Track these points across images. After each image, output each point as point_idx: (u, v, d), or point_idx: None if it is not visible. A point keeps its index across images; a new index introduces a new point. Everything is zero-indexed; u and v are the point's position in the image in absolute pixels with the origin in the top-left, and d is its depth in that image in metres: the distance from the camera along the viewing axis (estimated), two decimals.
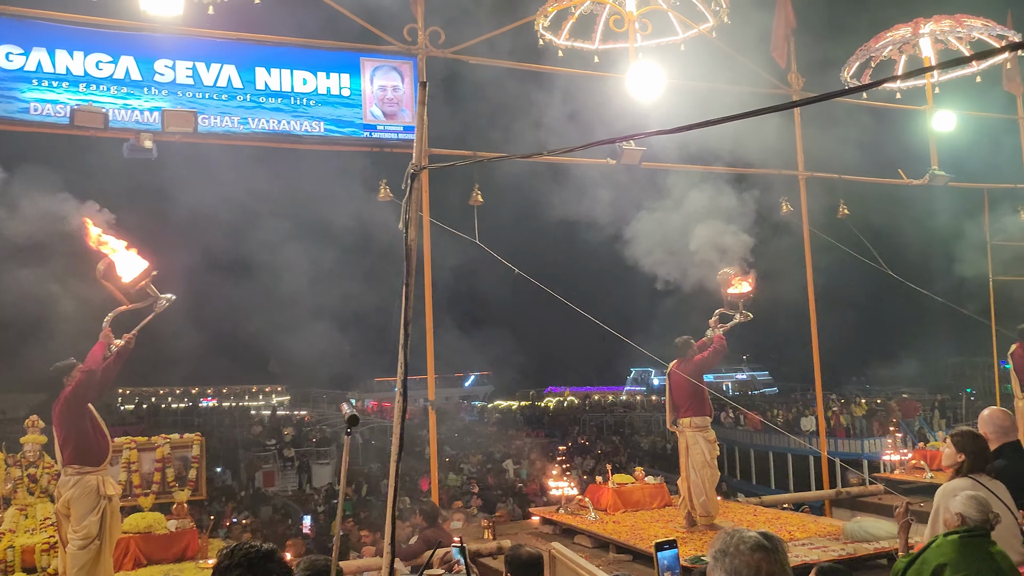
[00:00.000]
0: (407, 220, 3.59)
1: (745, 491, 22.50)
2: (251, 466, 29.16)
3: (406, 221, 3.59)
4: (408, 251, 3.57)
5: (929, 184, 12.58)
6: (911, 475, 11.71)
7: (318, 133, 9.62)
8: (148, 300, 6.72)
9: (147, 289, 6.67)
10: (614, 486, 9.78)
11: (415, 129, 3.87)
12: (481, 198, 9.83)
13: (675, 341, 9.15)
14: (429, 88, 9.69)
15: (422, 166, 3.68)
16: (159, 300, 6.71)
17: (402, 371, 3.54)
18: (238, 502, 22.33)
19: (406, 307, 3.57)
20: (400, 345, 3.57)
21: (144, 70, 8.98)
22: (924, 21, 11.97)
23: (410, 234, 3.59)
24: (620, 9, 10.21)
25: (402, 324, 3.57)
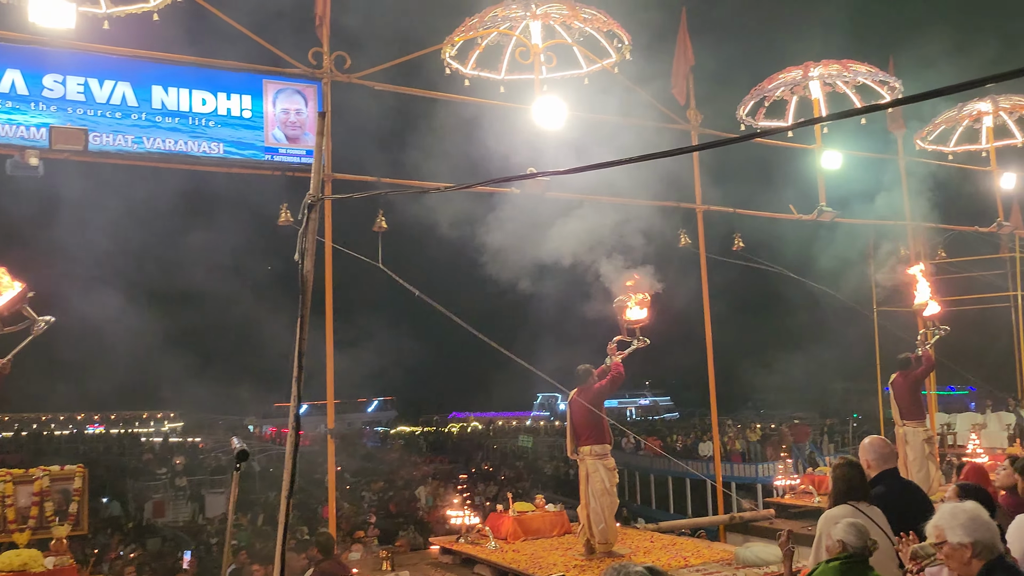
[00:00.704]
0: (303, 250, 3.56)
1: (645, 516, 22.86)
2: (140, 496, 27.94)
3: (302, 251, 3.56)
4: (304, 282, 3.53)
5: (817, 220, 13.20)
6: (800, 500, 12.15)
7: (217, 154, 9.39)
8: (25, 323, 6.39)
9: (23, 311, 6.34)
10: (514, 514, 9.78)
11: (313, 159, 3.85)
12: (385, 224, 9.77)
13: (576, 369, 9.26)
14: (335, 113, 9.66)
15: (320, 197, 3.65)
16: (37, 323, 6.38)
17: (294, 404, 3.49)
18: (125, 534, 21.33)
19: (300, 338, 3.52)
20: (293, 378, 3.52)
21: (31, 84, 8.60)
22: (813, 65, 12.63)
23: (306, 265, 3.55)
24: (526, 41, 10.41)
25: (295, 356, 3.53)
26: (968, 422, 19.77)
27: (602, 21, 10.19)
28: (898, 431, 11.33)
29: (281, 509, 3.44)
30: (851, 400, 40.81)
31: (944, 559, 3.67)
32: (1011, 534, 4.66)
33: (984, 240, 16.90)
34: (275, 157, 9.68)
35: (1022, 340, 17.01)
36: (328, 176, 9.77)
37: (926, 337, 11.99)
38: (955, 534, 3.59)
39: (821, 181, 13.30)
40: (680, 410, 62.46)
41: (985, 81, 3.79)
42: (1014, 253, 17.20)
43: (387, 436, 50.76)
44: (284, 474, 3.46)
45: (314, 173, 3.82)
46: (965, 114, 14.69)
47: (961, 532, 3.58)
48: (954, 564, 3.61)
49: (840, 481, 5.06)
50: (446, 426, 55.09)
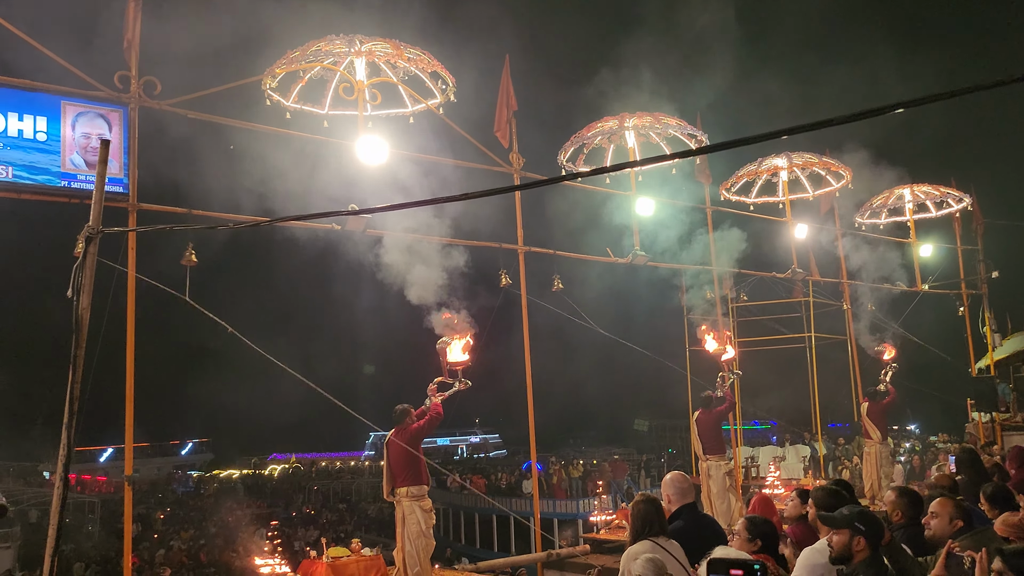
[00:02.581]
0: (79, 286, 3.30)
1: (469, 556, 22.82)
2: None
3: (77, 287, 3.30)
4: (78, 321, 3.27)
5: (632, 263, 13.83)
6: (615, 535, 12.51)
7: (5, 178, 8.63)
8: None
9: None
10: (328, 560, 9.48)
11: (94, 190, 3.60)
12: (195, 258, 9.32)
13: (394, 409, 9.15)
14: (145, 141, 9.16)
15: (99, 229, 3.41)
16: None
17: (64, 453, 3.21)
18: None
19: (73, 381, 3.25)
20: (64, 424, 3.24)
21: None
22: (629, 116, 13.33)
23: (82, 301, 3.30)
24: (350, 77, 10.33)
25: (67, 400, 3.25)
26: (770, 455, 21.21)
27: (426, 62, 10.29)
28: (702, 465, 11.96)
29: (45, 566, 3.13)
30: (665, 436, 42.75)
31: None
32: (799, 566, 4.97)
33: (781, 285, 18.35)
34: (72, 184, 9.01)
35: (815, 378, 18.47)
36: (133, 206, 9.21)
37: (724, 380, 12.81)
38: None
39: (635, 226, 13.97)
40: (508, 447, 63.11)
41: (781, 133, 4.12)
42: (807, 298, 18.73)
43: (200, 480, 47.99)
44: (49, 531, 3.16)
45: (94, 203, 3.57)
46: (764, 168, 15.95)
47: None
48: None
49: (638, 518, 5.25)
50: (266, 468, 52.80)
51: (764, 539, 5.29)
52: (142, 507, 30.61)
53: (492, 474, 33.38)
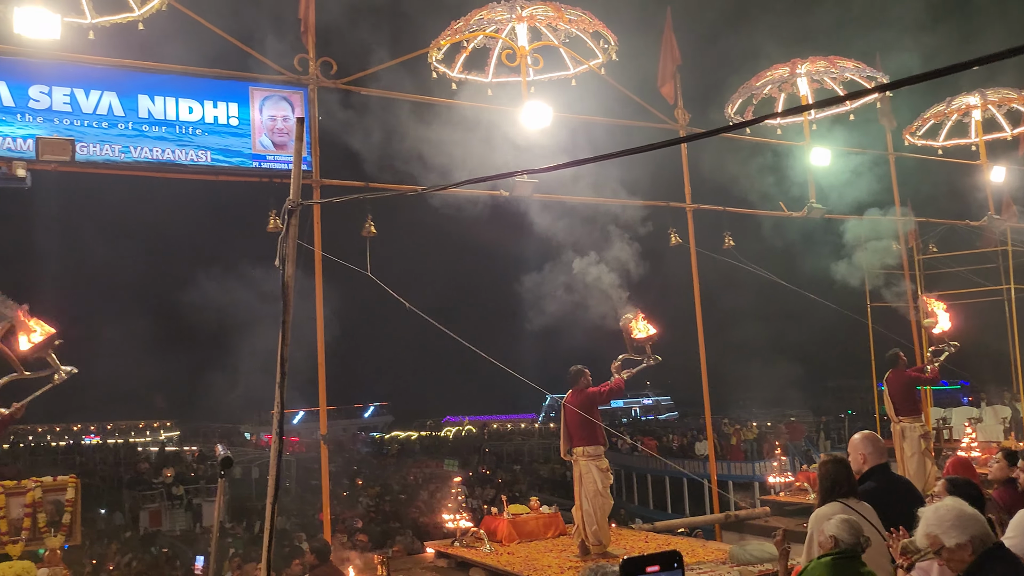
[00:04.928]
0: (284, 256, 3.56)
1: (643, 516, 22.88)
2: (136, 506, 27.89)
3: (283, 257, 3.56)
4: (285, 288, 3.54)
5: (808, 216, 13.23)
6: (795, 497, 12.17)
7: (204, 163, 9.39)
8: (47, 370, 6.32)
9: (48, 358, 6.29)
10: (509, 516, 9.79)
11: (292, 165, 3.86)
12: (374, 229, 9.77)
13: (568, 370, 9.24)
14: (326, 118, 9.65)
15: (299, 202, 3.66)
16: (59, 372, 6.32)
17: (278, 410, 3.50)
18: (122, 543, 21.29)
19: (282, 345, 3.53)
20: (277, 384, 3.53)
21: (17, 96, 8.58)
22: (800, 62, 12.68)
23: (287, 270, 3.56)
24: (512, 44, 10.43)
25: (278, 362, 3.53)
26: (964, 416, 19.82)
27: (587, 22, 10.22)
28: (894, 428, 11.35)
29: (267, 515, 3.43)
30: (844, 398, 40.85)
31: (945, 563, 3.65)
32: (1014, 528, 4.65)
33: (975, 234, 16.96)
34: (263, 164, 9.68)
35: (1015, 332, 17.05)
36: (316, 182, 9.77)
37: (937, 354, 11.92)
38: (950, 537, 3.57)
39: (810, 177, 13.33)
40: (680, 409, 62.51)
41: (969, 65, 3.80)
42: (1005, 247, 17.25)
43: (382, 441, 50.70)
44: (269, 480, 3.46)
45: (293, 179, 3.83)
46: (954, 108, 14.74)
47: (955, 533, 3.56)
48: (955, 565, 3.59)
49: (826, 479, 5.07)
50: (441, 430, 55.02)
51: (967, 501, 4.98)
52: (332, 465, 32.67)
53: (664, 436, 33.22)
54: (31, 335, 6.19)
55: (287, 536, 18.50)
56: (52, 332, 6.26)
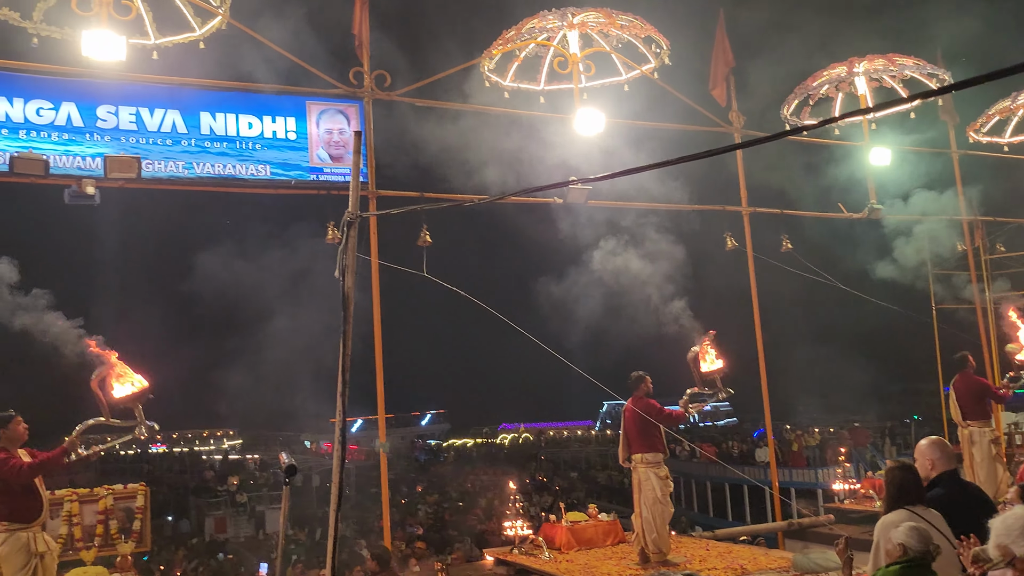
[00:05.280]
0: (344, 267, 3.63)
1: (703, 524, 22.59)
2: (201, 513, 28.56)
3: (343, 268, 3.63)
4: (345, 299, 3.60)
5: (868, 217, 12.95)
6: (861, 504, 11.89)
7: (264, 176, 9.62)
8: (131, 422, 6.52)
9: (135, 410, 6.49)
10: (568, 524, 9.77)
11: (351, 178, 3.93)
12: (430, 238, 9.87)
13: (630, 376, 9.14)
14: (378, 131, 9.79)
15: (358, 214, 3.72)
16: (140, 426, 6.53)
17: (340, 419, 3.55)
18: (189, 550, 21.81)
19: (344, 355, 3.59)
20: (339, 393, 3.59)
21: (86, 116, 8.92)
22: (858, 60, 12.43)
23: (347, 281, 3.62)
24: (564, 51, 10.45)
25: (340, 371, 3.59)
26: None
27: (639, 27, 10.18)
28: (962, 433, 11.00)
29: (331, 521, 3.49)
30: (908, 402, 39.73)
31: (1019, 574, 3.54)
32: None
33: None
34: (320, 176, 9.88)
35: None
36: (372, 193, 9.92)
37: (1015, 380, 11.48)
38: (1020, 546, 3.46)
39: (870, 178, 13.06)
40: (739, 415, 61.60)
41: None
42: None
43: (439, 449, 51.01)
44: (332, 488, 3.52)
45: (352, 191, 3.90)
46: (1020, 103, 14.28)
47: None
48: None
49: (892, 485, 4.95)
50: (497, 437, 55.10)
51: None
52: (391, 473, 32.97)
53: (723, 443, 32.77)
54: (123, 382, 6.42)
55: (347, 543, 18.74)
56: (145, 387, 6.47)
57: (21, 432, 6.56)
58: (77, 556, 8.15)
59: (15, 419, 6.50)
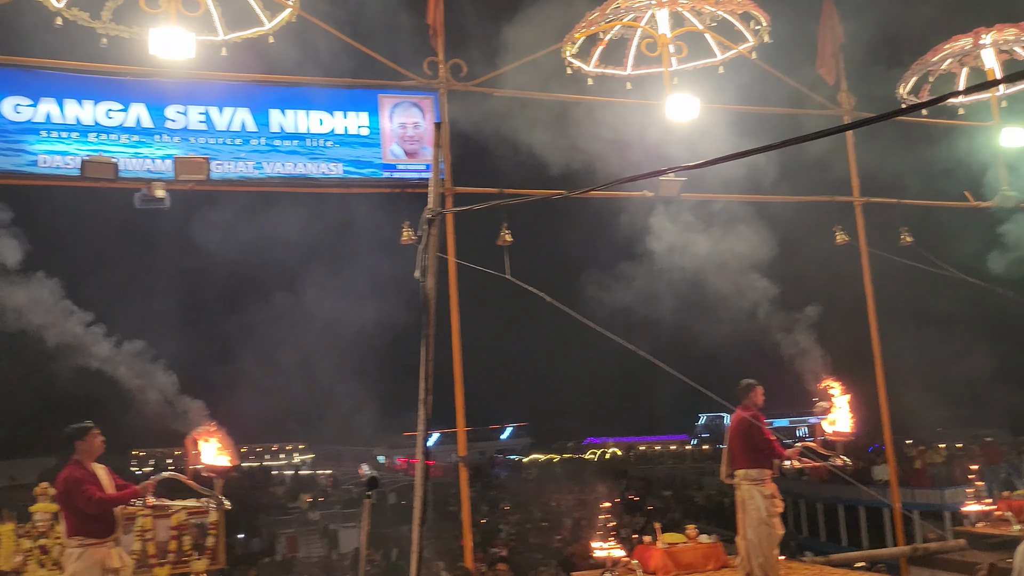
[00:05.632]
0: (424, 267, 3.69)
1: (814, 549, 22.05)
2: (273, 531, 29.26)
3: (423, 268, 3.69)
4: (426, 300, 3.67)
5: (999, 206, 12.46)
6: (996, 528, 11.43)
7: (336, 175, 9.86)
8: (206, 491, 7.08)
9: (215, 483, 7.04)
10: (664, 546, 9.66)
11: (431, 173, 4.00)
12: (510, 237, 9.93)
13: (739, 383, 8.96)
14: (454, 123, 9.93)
15: (438, 211, 3.78)
16: (212, 499, 7.05)
17: (423, 427, 3.62)
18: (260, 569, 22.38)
19: (426, 359, 3.65)
20: (420, 400, 3.65)
21: (155, 117, 9.31)
22: (985, 31, 11.96)
23: (428, 282, 3.68)
24: (652, 32, 10.37)
25: (421, 377, 3.65)
26: None
27: (735, 3, 10.03)
28: None
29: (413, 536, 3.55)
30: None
31: None
32: None
33: None
34: (394, 174, 10.07)
35: None
36: (448, 190, 10.04)
37: None
38: None
39: (1001, 162, 12.55)
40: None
41: None
42: None
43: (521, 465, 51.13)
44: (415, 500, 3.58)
45: (432, 186, 3.96)
46: None
47: None
48: None
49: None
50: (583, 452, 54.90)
51: None
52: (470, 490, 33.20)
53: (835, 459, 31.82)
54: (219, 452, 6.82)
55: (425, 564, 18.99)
56: (233, 465, 6.87)
57: (98, 445, 6.89)
58: (150, 573, 8.47)
59: (92, 431, 6.83)
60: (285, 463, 55.13)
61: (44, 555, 8.21)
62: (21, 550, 8.19)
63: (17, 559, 8.19)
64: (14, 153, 8.89)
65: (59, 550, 8.02)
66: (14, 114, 8.92)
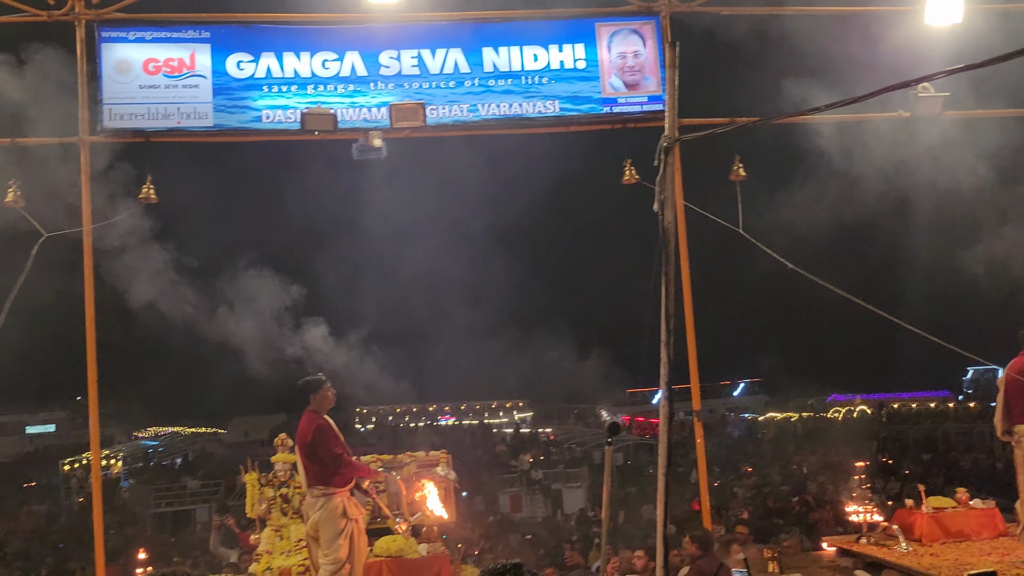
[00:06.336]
0: (663, 200, 3.66)
1: None
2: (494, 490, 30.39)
3: (661, 201, 3.67)
4: (665, 234, 3.64)
5: None
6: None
7: (552, 113, 9.94)
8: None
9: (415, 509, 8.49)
10: (930, 511, 9.21)
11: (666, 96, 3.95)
12: (743, 172, 9.66)
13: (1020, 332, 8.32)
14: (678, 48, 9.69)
15: (676, 137, 3.73)
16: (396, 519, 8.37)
17: (665, 371, 3.62)
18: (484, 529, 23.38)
19: (666, 298, 3.64)
20: (662, 342, 3.65)
21: (370, 64, 9.77)
22: None
23: (666, 215, 3.66)
24: None
25: (662, 318, 3.65)
26: None
27: None
28: None
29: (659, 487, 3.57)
30: None
31: None
32: None
33: None
34: (614, 108, 10.01)
35: None
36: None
37: None
38: None
39: None
40: None
41: None
42: None
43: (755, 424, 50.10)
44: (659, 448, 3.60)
45: (668, 110, 3.91)
46: None
47: None
48: None
49: None
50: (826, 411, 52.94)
51: None
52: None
53: None
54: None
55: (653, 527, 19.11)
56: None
57: (331, 398, 7.47)
58: (384, 524, 9.06)
59: (325, 384, 7.41)
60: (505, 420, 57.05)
61: (286, 504, 9.00)
62: (265, 498, 9.02)
63: (261, 507, 9.04)
64: (239, 110, 9.64)
65: (299, 499, 8.79)
66: (237, 71, 9.66)
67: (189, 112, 9.60)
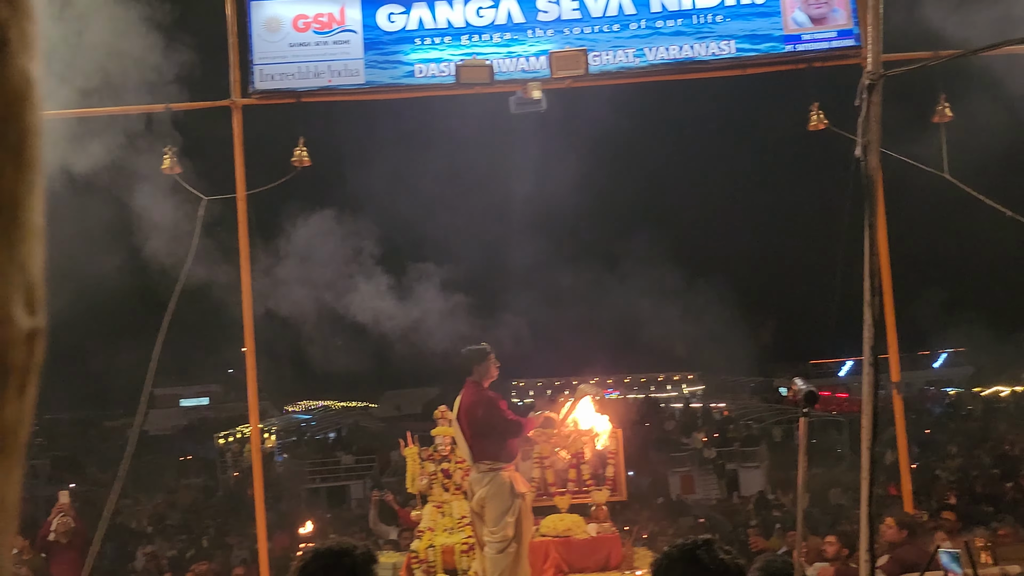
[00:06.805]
0: (866, 144, 3.54)
1: None
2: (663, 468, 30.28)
3: (864, 146, 3.54)
4: (869, 183, 3.52)
5: None
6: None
7: (728, 55, 9.69)
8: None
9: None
10: None
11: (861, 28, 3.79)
12: (950, 112, 9.20)
13: None
14: None
15: (880, 73, 3.59)
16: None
17: (869, 334, 3.51)
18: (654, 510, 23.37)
19: (871, 254, 3.53)
20: (866, 303, 3.54)
21: (527, 10, 9.77)
22: None
23: (871, 161, 3.53)
24: None
25: (866, 275, 3.54)
26: None
27: None
28: None
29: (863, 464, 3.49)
30: None
31: None
32: None
33: None
34: (797, 46, 9.67)
35: None
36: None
37: None
38: None
39: None
40: None
41: None
42: None
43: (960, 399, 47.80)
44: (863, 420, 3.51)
45: (872, 44, 3.76)
46: None
47: None
48: None
49: None
50: None
51: None
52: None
53: None
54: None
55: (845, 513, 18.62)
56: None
57: (494, 370, 7.62)
58: (551, 502, 9.21)
59: (490, 355, 7.57)
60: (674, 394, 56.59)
61: (447, 479, 9.26)
62: (426, 473, 9.30)
63: (423, 482, 9.32)
64: (391, 65, 9.85)
65: (460, 474, 9.02)
66: (388, 24, 9.85)
67: (340, 69, 9.88)
